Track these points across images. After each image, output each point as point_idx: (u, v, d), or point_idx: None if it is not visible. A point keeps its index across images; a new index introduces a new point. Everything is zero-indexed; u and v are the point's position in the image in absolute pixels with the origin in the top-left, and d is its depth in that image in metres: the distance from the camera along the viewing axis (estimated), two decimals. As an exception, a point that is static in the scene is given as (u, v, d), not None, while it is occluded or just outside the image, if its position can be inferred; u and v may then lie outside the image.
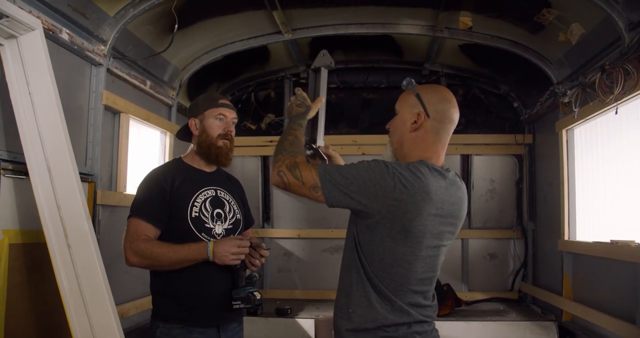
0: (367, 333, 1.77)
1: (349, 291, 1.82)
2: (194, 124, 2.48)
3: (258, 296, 2.37)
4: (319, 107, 2.08)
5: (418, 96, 1.85)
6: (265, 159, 4.84)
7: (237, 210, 2.54)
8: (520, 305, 4.37)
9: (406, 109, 1.86)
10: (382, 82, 4.79)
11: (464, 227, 4.62)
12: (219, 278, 2.36)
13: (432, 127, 1.83)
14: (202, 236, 2.37)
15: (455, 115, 1.87)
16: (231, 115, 2.48)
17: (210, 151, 2.43)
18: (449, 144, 4.68)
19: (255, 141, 4.80)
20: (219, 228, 2.43)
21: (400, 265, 1.76)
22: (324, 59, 2.13)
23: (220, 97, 2.51)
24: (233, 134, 2.49)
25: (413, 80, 1.92)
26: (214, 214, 2.44)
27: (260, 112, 4.90)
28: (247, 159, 4.86)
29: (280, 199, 4.81)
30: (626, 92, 2.73)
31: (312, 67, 2.16)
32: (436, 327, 1.89)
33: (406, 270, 1.77)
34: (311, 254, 4.78)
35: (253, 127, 4.89)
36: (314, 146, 2.09)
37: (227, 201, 2.52)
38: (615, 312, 2.96)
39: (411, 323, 1.78)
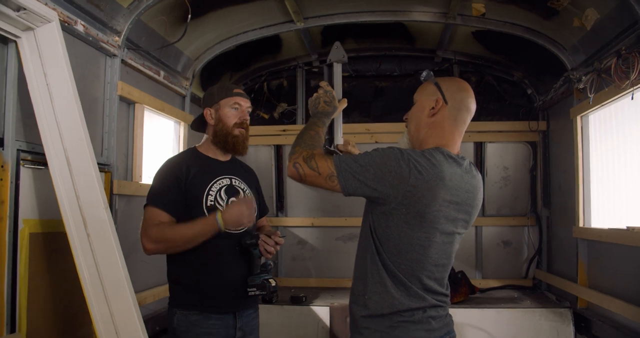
0: (383, 319, 1.80)
1: (364, 278, 1.85)
2: (209, 113, 2.51)
3: (273, 283, 2.42)
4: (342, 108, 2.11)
5: (437, 84, 1.91)
6: (278, 148, 4.85)
7: (252, 198, 2.57)
8: (534, 293, 4.36)
9: (424, 96, 1.92)
10: (394, 70, 4.76)
11: (478, 214, 4.61)
12: (235, 265, 2.41)
13: (450, 114, 1.87)
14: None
15: (473, 105, 1.92)
16: (246, 104, 2.51)
17: (227, 140, 2.46)
18: (462, 131, 4.55)
19: (268, 130, 4.81)
20: (233, 217, 2.46)
21: (415, 250, 1.78)
22: (337, 52, 2.12)
23: (235, 87, 2.54)
24: (248, 122, 2.52)
25: (432, 73, 1.98)
26: (229, 203, 2.47)
27: (273, 101, 4.91)
28: (260, 148, 4.87)
29: (294, 188, 4.82)
30: (644, 77, 2.71)
31: (328, 61, 2.15)
32: (450, 313, 1.92)
33: (421, 256, 1.79)
34: (325, 242, 4.80)
35: (266, 116, 4.90)
36: (331, 148, 2.10)
37: (242, 189, 2.55)
38: (631, 299, 2.95)
39: (426, 307, 1.81)
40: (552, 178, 4.37)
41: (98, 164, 2.79)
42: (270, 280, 2.42)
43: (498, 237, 4.66)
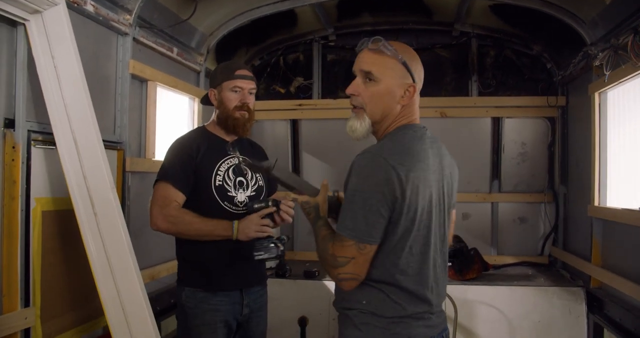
0: (384, 317, 1.72)
1: (360, 286, 1.72)
2: (213, 94, 2.54)
3: (281, 247, 2.37)
4: (325, 193, 1.92)
5: (405, 64, 1.74)
6: (294, 123, 4.84)
7: (259, 177, 2.61)
8: (549, 270, 4.33)
9: (393, 79, 1.74)
10: (411, 43, 4.63)
11: (494, 190, 4.60)
12: (242, 244, 2.45)
13: (417, 94, 1.80)
14: (225, 204, 2.46)
15: None
16: (248, 86, 2.51)
17: (228, 122, 2.50)
18: (479, 107, 4.56)
19: (284, 105, 4.80)
20: (241, 196, 2.51)
21: (422, 243, 1.72)
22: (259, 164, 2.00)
23: (238, 67, 2.53)
24: (251, 104, 2.53)
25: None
26: (237, 182, 2.51)
27: (290, 75, 4.88)
28: (276, 122, 4.89)
29: (310, 162, 4.84)
30: (660, 55, 2.62)
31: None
32: (463, 291, 1.91)
33: (425, 247, 1.73)
34: (340, 217, 4.81)
35: (282, 90, 4.89)
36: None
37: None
38: (641, 280, 2.93)
39: (430, 310, 1.78)
40: (570, 155, 4.29)
41: (111, 141, 2.87)
42: (278, 244, 2.37)
43: (514, 213, 4.62)
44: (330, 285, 3.90)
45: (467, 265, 3.93)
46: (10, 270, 2.20)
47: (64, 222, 2.45)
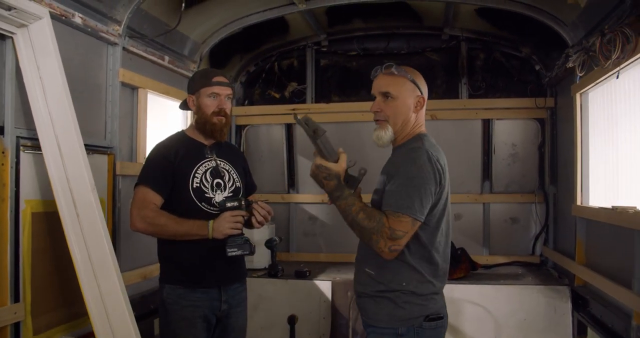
0: (422, 295, 2.08)
1: (399, 269, 2.07)
2: (191, 100, 2.66)
3: (254, 244, 2.54)
4: (345, 162, 2.11)
5: (414, 82, 2.12)
6: (289, 127, 4.96)
7: (236, 179, 2.72)
8: (540, 269, 4.39)
9: (406, 93, 2.13)
10: (402, 48, 4.78)
11: (485, 191, 4.67)
12: (219, 242, 2.54)
13: (425, 105, 2.18)
14: (202, 205, 2.56)
15: None
16: (225, 91, 2.62)
17: (206, 127, 2.61)
18: (469, 109, 4.67)
19: (279, 110, 4.91)
20: (218, 197, 2.62)
21: (447, 226, 2.13)
22: (306, 123, 2.07)
23: (215, 74, 2.64)
24: (228, 110, 2.64)
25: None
26: (214, 184, 2.62)
27: (284, 80, 5.00)
28: (272, 127, 5.01)
29: (305, 165, 4.94)
30: (625, 56, 2.67)
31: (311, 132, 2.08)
32: (450, 290, 2.35)
33: (449, 230, 2.14)
34: (335, 218, 4.89)
35: (277, 95, 5.01)
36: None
37: (227, 170, 2.69)
38: (618, 278, 2.97)
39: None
40: (560, 155, 4.34)
41: (101, 146, 3.01)
42: (250, 241, 2.51)
43: (506, 213, 4.68)
44: (321, 284, 4.00)
45: (454, 264, 3.99)
46: (0, 268, 2.34)
47: (53, 223, 2.58)
